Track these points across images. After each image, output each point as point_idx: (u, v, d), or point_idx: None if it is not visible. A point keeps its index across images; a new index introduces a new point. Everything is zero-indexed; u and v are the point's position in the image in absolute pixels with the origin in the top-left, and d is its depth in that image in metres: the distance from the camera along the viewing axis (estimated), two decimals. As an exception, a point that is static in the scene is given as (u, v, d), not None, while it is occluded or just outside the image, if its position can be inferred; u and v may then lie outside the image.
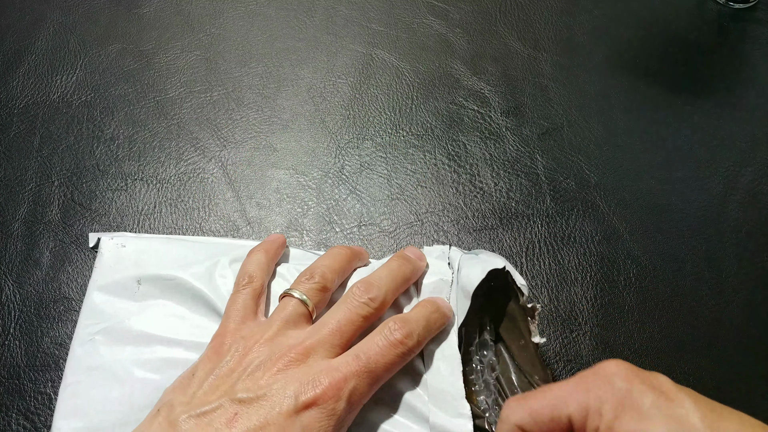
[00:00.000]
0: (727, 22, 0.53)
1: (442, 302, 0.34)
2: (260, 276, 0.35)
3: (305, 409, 0.28)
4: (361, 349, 0.30)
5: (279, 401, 0.28)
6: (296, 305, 0.32)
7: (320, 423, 0.28)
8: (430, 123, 0.47)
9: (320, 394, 0.28)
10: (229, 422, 0.27)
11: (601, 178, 0.45)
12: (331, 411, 0.28)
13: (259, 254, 0.36)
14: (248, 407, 0.27)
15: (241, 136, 0.47)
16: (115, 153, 0.45)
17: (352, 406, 0.29)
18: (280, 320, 0.32)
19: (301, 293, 0.33)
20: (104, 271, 0.37)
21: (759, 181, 0.45)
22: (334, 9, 0.53)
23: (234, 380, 0.29)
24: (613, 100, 0.49)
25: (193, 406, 0.28)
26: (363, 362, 0.29)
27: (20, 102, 0.47)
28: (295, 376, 0.29)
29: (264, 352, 0.30)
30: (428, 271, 0.36)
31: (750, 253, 0.42)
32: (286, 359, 0.29)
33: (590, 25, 0.53)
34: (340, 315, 0.32)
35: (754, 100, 0.49)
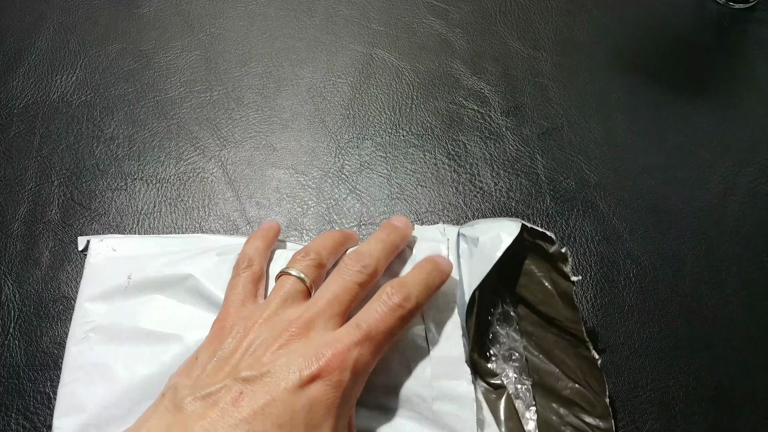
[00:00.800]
0: (727, 22, 0.53)
1: (441, 259, 0.34)
2: (259, 260, 0.35)
3: (310, 382, 0.27)
4: (361, 317, 0.30)
5: (284, 377, 0.27)
6: (294, 282, 0.32)
7: (326, 395, 0.28)
8: (430, 123, 0.47)
9: (324, 366, 0.28)
10: (235, 401, 0.27)
11: (601, 178, 0.45)
12: (336, 382, 0.28)
13: (257, 240, 0.36)
14: (253, 385, 0.27)
15: (241, 135, 0.47)
16: (114, 153, 0.45)
17: (357, 375, 0.29)
18: (278, 298, 0.32)
19: (298, 271, 0.33)
20: (95, 279, 0.37)
21: (759, 181, 0.45)
22: (334, 9, 0.53)
23: (237, 360, 0.29)
24: (613, 100, 0.49)
25: (198, 388, 0.28)
26: (364, 330, 0.29)
27: (20, 102, 0.47)
28: (298, 351, 0.29)
29: (265, 331, 0.30)
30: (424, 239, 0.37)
31: (750, 253, 0.42)
32: (287, 335, 0.29)
33: (590, 25, 0.53)
34: (335, 285, 0.32)
35: (754, 100, 0.49)
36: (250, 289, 0.33)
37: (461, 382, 0.33)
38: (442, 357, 0.33)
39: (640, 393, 0.37)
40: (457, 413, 0.32)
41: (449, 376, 0.33)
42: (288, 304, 0.32)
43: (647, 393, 0.37)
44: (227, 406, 0.27)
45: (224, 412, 0.27)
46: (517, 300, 0.38)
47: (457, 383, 0.33)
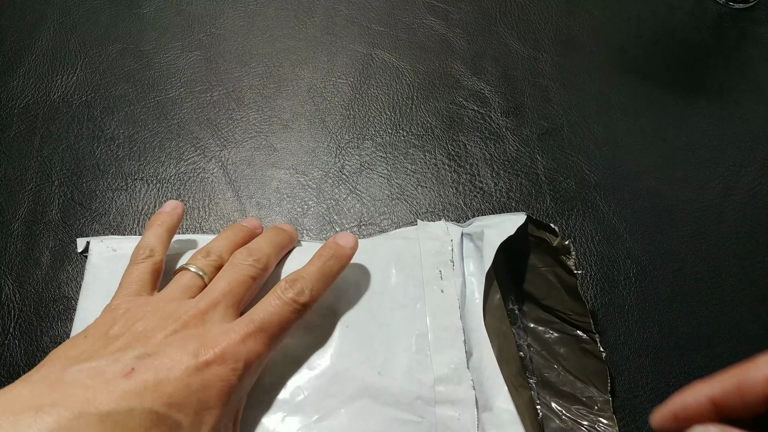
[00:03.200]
0: (727, 22, 0.53)
1: (343, 240, 0.35)
2: (160, 250, 0.34)
3: (205, 367, 0.28)
4: (256, 311, 0.31)
5: (179, 359, 0.28)
6: (192, 277, 0.33)
7: (221, 381, 0.28)
8: (430, 123, 0.47)
9: (220, 353, 0.28)
10: (127, 374, 0.26)
11: (601, 178, 0.45)
12: (230, 372, 0.28)
13: (159, 228, 0.36)
14: (145, 362, 0.27)
15: (242, 135, 0.47)
16: (115, 153, 0.45)
17: (249, 367, 0.29)
18: (174, 290, 0.32)
19: (197, 267, 0.33)
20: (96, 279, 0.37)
21: (759, 181, 0.45)
22: (335, 9, 0.53)
23: (128, 339, 0.28)
24: (613, 101, 0.49)
25: (85, 358, 0.27)
26: (257, 323, 0.30)
27: (20, 102, 0.47)
28: (193, 337, 0.29)
29: (157, 318, 0.30)
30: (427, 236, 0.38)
31: (750, 253, 0.42)
32: (180, 321, 0.29)
33: (590, 25, 0.53)
34: (229, 277, 0.32)
35: (754, 100, 0.49)
36: (147, 279, 0.33)
37: (463, 386, 0.33)
38: (445, 362, 0.34)
39: (640, 393, 0.37)
40: (459, 417, 0.33)
41: (451, 380, 0.33)
42: (184, 296, 0.32)
43: (647, 393, 0.37)
44: (114, 378, 0.26)
45: (110, 383, 0.26)
46: (523, 296, 0.39)
47: (458, 387, 0.33)
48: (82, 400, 0.25)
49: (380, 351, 0.34)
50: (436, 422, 0.32)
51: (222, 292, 0.31)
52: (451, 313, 0.36)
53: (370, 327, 0.35)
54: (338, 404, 0.32)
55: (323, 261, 0.34)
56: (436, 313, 0.35)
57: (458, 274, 0.37)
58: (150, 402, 0.26)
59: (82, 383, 0.26)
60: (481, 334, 0.35)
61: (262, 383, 0.33)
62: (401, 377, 0.33)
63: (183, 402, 0.27)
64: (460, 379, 0.33)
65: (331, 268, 0.34)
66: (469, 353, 0.35)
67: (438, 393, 0.33)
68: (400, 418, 0.32)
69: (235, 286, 0.32)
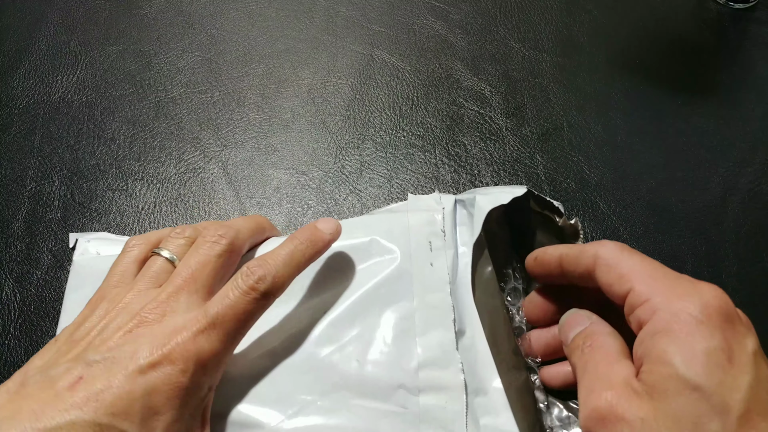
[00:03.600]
0: (727, 22, 0.53)
1: (323, 224, 0.32)
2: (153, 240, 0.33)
3: (150, 369, 0.26)
4: (212, 302, 0.28)
5: (124, 363, 0.26)
6: (162, 264, 0.31)
7: (167, 383, 0.26)
8: (431, 123, 0.47)
9: (166, 353, 0.26)
10: (73, 386, 0.25)
11: (601, 178, 0.45)
12: (180, 371, 0.26)
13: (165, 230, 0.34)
14: (93, 369, 0.26)
15: (242, 136, 0.47)
16: (115, 153, 0.45)
17: (204, 364, 0.27)
18: (144, 279, 0.30)
19: (168, 252, 0.31)
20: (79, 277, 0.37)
21: (759, 181, 0.45)
22: (335, 10, 0.54)
23: (87, 343, 0.28)
24: (613, 101, 0.49)
25: (44, 368, 0.27)
26: (211, 317, 0.28)
27: (21, 102, 0.48)
28: (145, 337, 0.27)
29: (123, 314, 0.29)
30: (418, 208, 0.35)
31: (750, 253, 0.42)
32: (137, 319, 0.28)
33: (590, 25, 0.53)
34: (192, 260, 0.30)
35: (754, 100, 0.49)
36: (131, 269, 0.32)
37: (451, 370, 0.30)
38: (431, 344, 0.31)
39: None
40: (445, 405, 0.30)
41: (438, 364, 0.30)
42: (152, 286, 0.30)
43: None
44: (62, 390, 0.25)
45: (58, 395, 0.25)
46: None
47: (446, 372, 0.30)
48: (29, 414, 0.24)
49: (360, 337, 0.31)
50: (420, 413, 0.30)
51: (184, 279, 0.29)
52: (440, 288, 0.32)
53: (349, 310, 0.32)
54: (314, 398, 0.30)
55: (294, 245, 0.31)
56: (424, 290, 0.32)
57: (450, 245, 0.34)
58: (92, 413, 0.25)
59: (34, 396, 0.25)
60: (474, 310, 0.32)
61: (231, 376, 0.31)
62: (382, 365, 0.31)
63: (127, 410, 0.25)
64: (448, 363, 0.30)
65: (303, 253, 0.31)
66: (461, 332, 0.32)
67: (422, 380, 0.30)
68: (381, 409, 0.30)
69: (197, 269, 0.30)
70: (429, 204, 0.36)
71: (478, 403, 0.30)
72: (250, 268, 0.29)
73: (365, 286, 0.33)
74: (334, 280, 0.33)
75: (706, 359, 0.24)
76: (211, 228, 0.32)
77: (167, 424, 0.26)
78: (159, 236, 0.34)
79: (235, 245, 0.32)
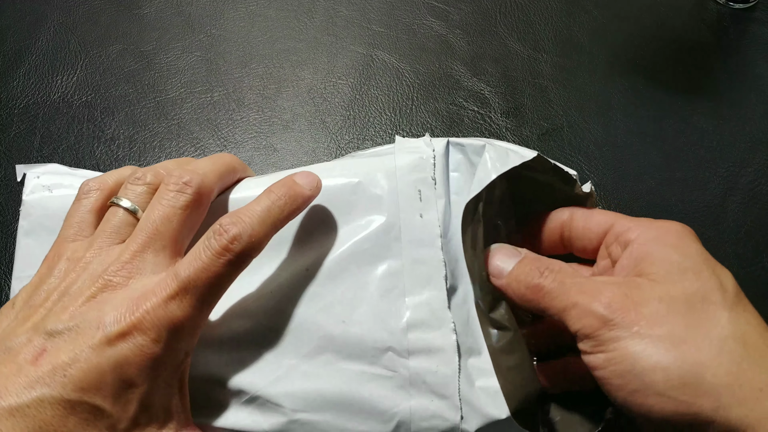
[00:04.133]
0: (727, 22, 0.53)
1: (301, 178, 0.29)
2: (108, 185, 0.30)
3: (119, 339, 0.24)
4: (183, 264, 0.26)
5: (90, 334, 0.24)
6: (123, 216, 0.28)
7: (139, 354, 0.24)
8: (431, 124, 0.47)
9: (135, 322, 0.25)
10: (36, 358, 0.24)
11: (601, 178, 0.45)
12: (151, 340, 0.25)
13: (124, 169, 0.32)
14: (57, 341, 0.24)
15: (242, 136, 0.47)
16: (115, 153, 0.45)
17: (177, 331, 0.25)
18: (104, 234, 0.28)
19: (129, 201, 0.29)
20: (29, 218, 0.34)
21: (759, 181, 0.45)
22: (335, 10, 0.54)
23: (47, 310, 0.26)
24: (613, 101, 0.49)
25: (2, 339, 0.25)
26: (183, 281, 0.25)
27: (20, 102, 0.48)
28: (110, 304, 0.25)
29: (83, 276, 0.26)
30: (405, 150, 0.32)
31: (750, 253, 0.42)
32: (100, 282, 0.26)
33: (590, 25, 0.53)
34: (154, 214, 0.27)
35: (754, 100, 0.49)
36: (89, 220, 0.29)
37: (443, 331, 0.29)
38: (420, 303, 0.29)
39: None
40: (437, 369, 0.28)
41: (428, 325, 0.29)
42: (114, 242, 0.28)
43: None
44: (25, 363, 0.24)
45: (21, 369, 0.24)
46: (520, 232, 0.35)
47: (437, 333, 0.28)
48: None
49: (345, 295, 0.29)
50: (410, 376, 0.28)
51: (148, 235, 0.27)
52: (430, 243, 0.30)
53: (333, 268, 0.30)
54: (298, 362, 0.28)
55: (272, 200, 0.28)
56: (413, 245, 0.30)
57: (441, 193, 0.31)
58: (60, 389, 0.23)
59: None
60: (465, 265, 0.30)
61: (209, 339, 0.29)
62: (369, 325, 0.29)
63: (97, 384, 0.24)
64: (439, 323, 0.28)
65: (281, 209, 0.28)
66: (453, 289, 0.30)
67: (411, 342, 0.28)
68: (368, 372, 0.28)
69: (162, 224, 0.27)
70: (418, 146, 0.32)
71: (472, 364, 0.29)
72: (223, 225, 0.26)
73: (350, 241, 0.30)
74: (315, 234, 0.31)
75: (699, 255, 0.28)
76: (175, 173, 0.29)
77: (142, 395, 0.25)
78: (117, 179, 0.31)
79: (202, 193, 0.29)
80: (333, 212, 0.31)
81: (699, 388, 0.24)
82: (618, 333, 0.26)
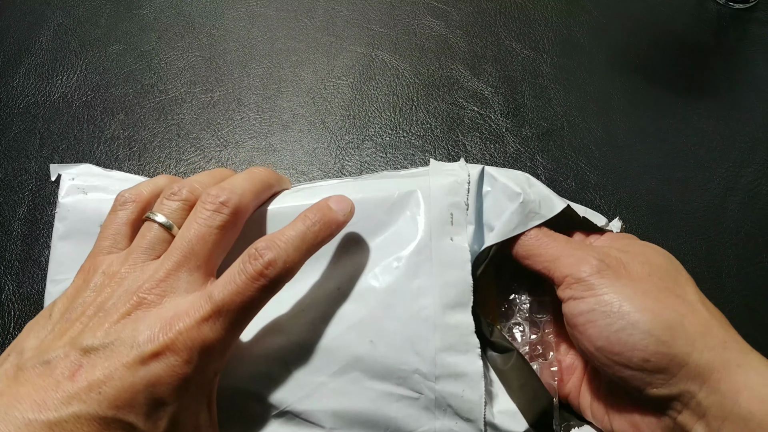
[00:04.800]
0: (727, 22, 0.53)
1: (336, 204, 0.30)
2: (144, 196, 0.31)
3: (153, 359, 0.25)
4: (217, 286, 0.26)
5: (125, 351, 0.25)
6: (158, 232, 0.28)
7: (171, 374, 0.25)
8: (430, 124, 0.47)
9: (169, 343, 0.25)
10: (73, 374, 0.24)
11: (601, 179, 0.45)
12: (184, 361, 0.25)
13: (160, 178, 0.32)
14: (93, 357, 0.25)
15: (242, 136, 0.47)
16: (115, 153, 0.45)
17: (209, 353, 0.26)
18: (139, 250, 0.28)
19: (163, 216, 0.29)
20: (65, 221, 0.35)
21: (759, 181, 0.45)
22: (335, 10, 0.54)
23: (84, 324, 0.26)
24: (613, 101, 0.49)
25: (41, 351, 0.26)
26: (217, 303, 0.26)
27: (20, 102, 0.48)
28: (144, 322, 0.26)
29: (119, 291, 0.27)
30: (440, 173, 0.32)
31: (750, 253, 0.42)
32: (135, 299, 0.26)
33: (590, 25, 0.53)
34: (190, 233, 0.28)
35: (754, 100, 0.49)
36: (124, 232, 0.29)
37: (469, 356, 0.29)
38: (449, 326, 0.29)
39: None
40: (462, 394, 0.28)
41: (456, 349, 0.29)
42: (149, 258, 0.28)
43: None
44: (62, 379, 0.24)
45: (58, 384, 0.24)
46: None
47: (464, 358, 0.29)
48: (31, 404, 0.24)
49: (375, 315, 0.30)
50: (436, 399, 0.28)
51: (183, 253, 0.27)
52: (461, 267, 0.30)
53: (364, 287, 0.30)
54: (326, 379, 0.29)
55: (307, 226, 0.28)
56: (443, 267, 0.30)
57: (471, 219, 0.31)
58: (95, 406, 0.24)
59: (34, 383, 0.24)
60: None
61: (240, 355, 0.30)
62: (397, 346, 0.29)
63: (131, 402, 0.24)
64: (467, 347, 0.29)
65: (315, 235, 0.28)
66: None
67: (439, 366, 0.28)
68: (395, 393, 0.29)
69: (197, 243, 0.27)
70: (453, 169, 0.33)
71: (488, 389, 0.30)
72: (259, 250, 0.27)
73: (381, 261, 0.31)
74: (348, 253, 0.31)
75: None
76: (212, 192, 0.29)
77: (173, 412, 0.25)
78: (152, 190, 0.31)
79: (238, 213, 0.29)
80: (365, 231, 0.32)
81: (678, 331, 0.27)
82: (609, 280, 0.29)
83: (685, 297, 0.29)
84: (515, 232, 0.31)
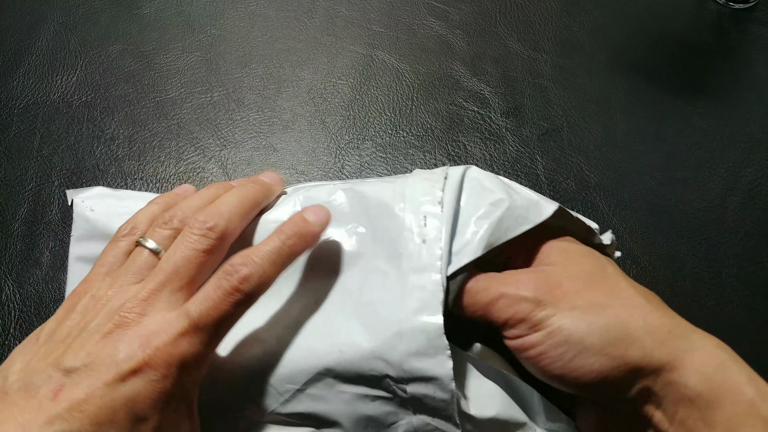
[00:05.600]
0: (727, 22, 0.53)
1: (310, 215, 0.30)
2: (144, 229, 0.31)
3: (131, 376, 0.25)
4: (194, 302, 0.27)
5: (104, 370, 0.25)
6: (147, 257, 0.29)
7: (150, 389, 0.26)
8: (430, 124, 0.47)
9: (147, 359, 0.26)
10: (55, 395, 0.25)
11: (600, 179, 0.45)
12: (161, 377, 0.26)
13: (154, 206, 0.33)
14: (74, 377, 0.25)
15: (241, 136, 0.47)
16: (115, 153, 0.45)
17: (187, 367, 0.27)
18: (127, 274, 0.29)
19: (154, 243, 0.30)
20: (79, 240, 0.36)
21: (759, 181, 0.45)
22: (335, 10, 0.54)
23: (67, 346, 0.27)
24: (613, 101, 0.49)
25: (26, 374, 0.26)
26: (193, 319, 0.27)
27: (20, 102, 0.47)
28: (123, 341, 0.26)
29: (103, 313, 0.28)
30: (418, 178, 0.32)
31: (750, 253, 0.42)
32: (116, 319, 0.27)
33: (590, 25, 0.53)
34: (176, 255, 0.29)
35: (754, 100, 0.49)
36: (120, 261, 0.30)
37: (438, 359, 0.28)
38: (416, 331, 0.28)
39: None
40: (434, 394, 0.28)
41: (424, 353, 0.28)
42: (135, 280, 0.29)
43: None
44: (45, 400, 0.25)
45: (41, 406, 0.25)
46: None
47: (432, 361, 0.28)
48: (15, 426, 0.24)
49: (344, 325, 0.30)
50: (410, 398, 0.29)
51: (166, 275, 0.28)
52: (430, 268, 0.29)
53: (337, 298, 0.31)
54: (302, 386, 0.29)
55: (282, 240, 0.29)
56: (414, 271, 0.29)
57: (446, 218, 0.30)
58: (77, 424, 0.24)
59: (19, 405, 0.25)
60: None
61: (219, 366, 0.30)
62: (365, 355, 0.29)
63: (112, 418, 0.25)
64: (435, 351, 0.28)
65: (291, 248, 0.29)
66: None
67: (408, 371, 0.28)
68: (370, 395, 0.29)
69: (182, 265, 0.28)
70: (432, 176, 0.32)
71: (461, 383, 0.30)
72: (234, 266, 0.28)
73: (351, 268, 0.31)
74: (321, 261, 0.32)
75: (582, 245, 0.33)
76: (200, 218, 0.30)
77: (154, 427, 0.26)
78: (150, 219, 0.32)
79: (225, 237, 0.30)
80: (339, 238, 0.32)
81: (627, 341, 0.28)
82: (550, 311, 0.28)
83: (622, 293, 0.30)
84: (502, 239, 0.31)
